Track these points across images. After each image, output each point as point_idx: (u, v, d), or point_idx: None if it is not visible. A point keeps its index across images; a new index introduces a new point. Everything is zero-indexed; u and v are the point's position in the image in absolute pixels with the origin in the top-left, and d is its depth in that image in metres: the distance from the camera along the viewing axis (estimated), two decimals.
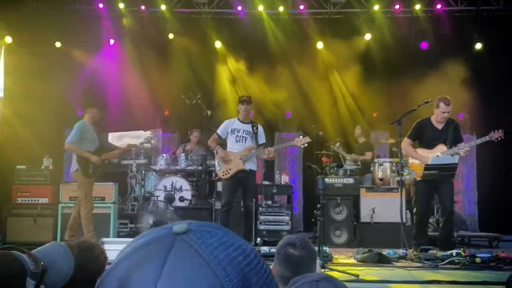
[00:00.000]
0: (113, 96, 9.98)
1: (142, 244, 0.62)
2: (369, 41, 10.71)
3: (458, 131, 6.81)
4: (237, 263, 0.61)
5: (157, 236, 0.63)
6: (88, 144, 7.00)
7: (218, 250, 0.61)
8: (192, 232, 0.62)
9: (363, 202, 8.12)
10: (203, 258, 0.59)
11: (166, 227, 0.64)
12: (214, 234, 0.63)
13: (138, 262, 0.60)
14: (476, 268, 5.47)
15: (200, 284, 0.57)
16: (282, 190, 8.66)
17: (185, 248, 0.60)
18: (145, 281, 0.58)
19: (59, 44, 10.49)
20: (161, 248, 0.60)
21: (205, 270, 0.58)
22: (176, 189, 8.40)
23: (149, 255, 0.60)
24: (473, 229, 10.01)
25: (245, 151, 6.82)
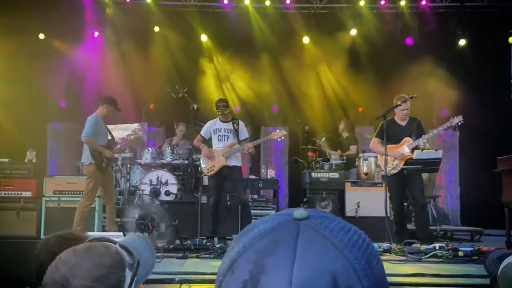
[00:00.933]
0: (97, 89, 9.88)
1: (267, 230, 0.65)
2: (355, 36, 10.76)
3: (422, 128, 7.04)
4: (359, 246, 0.63)
5: (280, 222, 0.65)
6: (101, 138, 7.06)
7: (341, 234, 0.63)
8: (313, 218, 0.65)
9: (348, 196, 8.18)
10: (330, 241, 0.62)
11: (284, 213, 0.67)
12: (332, 219, 0.66)
13: (269, 247, 0.62)
14: (459, 261, 5.57)
15: (333, 265, 0.60)
16: (268, 184, 8.69)
17: (312, 232, 0.63)
18: (282, 264, 0.60)
19: (43, 36, 10.36)
20: (289, 233, 0.63)
21: (335, 253, 0.61)
22: (162, 183, 8.37)
23: (278, 239, 0.62)
24: (455, 223, 10.16)
25: (227, 147, 7.08)
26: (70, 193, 7.80)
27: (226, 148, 7.09)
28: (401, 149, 6.85)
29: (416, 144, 6.80)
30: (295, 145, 9.21)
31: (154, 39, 10.62)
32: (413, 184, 6.82)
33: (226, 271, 0.65)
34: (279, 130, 7.25)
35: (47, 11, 9.92)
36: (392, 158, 6.85)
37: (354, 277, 0.60)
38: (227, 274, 0.64)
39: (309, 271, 0.59)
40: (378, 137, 7.07)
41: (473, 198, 9.98)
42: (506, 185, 6.60)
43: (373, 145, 7.22)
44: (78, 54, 10.33)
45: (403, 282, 4.53)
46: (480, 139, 9.94)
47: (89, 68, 10.29)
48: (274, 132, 7.23)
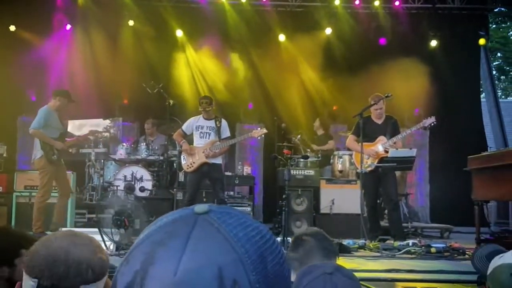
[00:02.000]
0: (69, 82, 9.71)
1: (166, 222, 0.66)
2: (330, 35, 10.86)
3: (397, 127, 7.21)
4: (254, 241, 0.65)
5: (180, 216, 0.67)
6: (52, 131, 6.94)
7: (237, 229, 0.64)
8: (213, 213, 0.66)
9: (323, 193, 8.27)
10: (223, 236, 0.63)
11: (189, 208, 0.68)
12: (233, 215, 0.67)
13: (163, 238, 0.63)
14: (432, 257, 5.70)
15: (220, 258, 0.61)
16: (244, 181, 8.72)
17: (207, 226, 0.64)
18: (170, 255, 0.61)
19: (14, 28, 10.12)
20: (185, 225, 0.64)
21: (225, 246, 0.62)
22: (137, 179, 8.30)
23: (173, 232, 0.64)
24: (424, 221, 10.36)
25: (208, 145, 7.05)
26: None
27: (207, 145, 7.07)
28: (375, 147, 7.00)
29: (390, 144, 6.94)
30: (270, 142, 9.25)
31: (128, 33, 10.48)
32: (387, 182, 6.97)
33: (122, 261, 0.66)
34: (259, 129, 7.27)
35: (18, 2, 9.70)
36: (366, 156, 6.97)
37: (241, 271, 0.61)
38: (123, 263, 0.66)
39: (196, 263, 0.61)
40: (354, 135, 7.20)
41: (442, 196, 10.19)
42: (476, 183, 6.76)
43: (349, 143, 7.34)
44: (50, 47, 10.11)
45: (378, 277, 4.61)
46: (450, 138, 10.18)
47: (61, 62, 10.09)
48: (254, 130, 7.25)
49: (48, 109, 6.99)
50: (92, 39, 10.22)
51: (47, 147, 6.86)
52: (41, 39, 10.10)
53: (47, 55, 9.95)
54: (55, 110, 7.05)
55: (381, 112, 7.12)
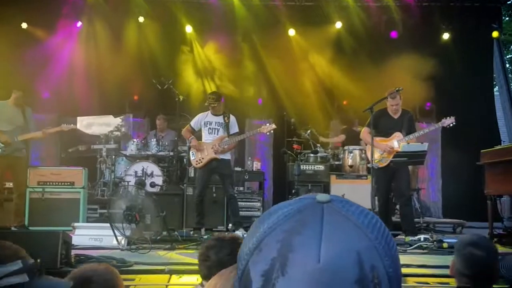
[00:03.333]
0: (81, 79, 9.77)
1: (293, 211, 0.67)
2: (340, 29, 10.78)
3: (412, 122, 7.15)
4: (378, 227, 0.67)
5: (305, 204, 0.68)
6: (3, 124, 7.01)
7: (362, 216, 0.66)
8: (335, 201, 0.68)
9: (333, 188, 8.24)
10: (353, 223, 0.65)
11: (307, 197, 0.69)
12: (351, 203, 0.69)
13: (295, 227, 0.65)
14: (444, 253, 5.65)
15: (357, 245, 0.63)
16: (254, 177, 8.71)
17: (335, 214, 0.66)
18: (309, 243, 0.63)
19: (26, 25, 10.17)
20: (314, 214, 0.66)
21: (358, 233, 0.64)
22: (147, 174, 8.32)
23: (304, 220, 0.65)
24: (437, 216, 10.29)
25: (217, 140, 7.04)
26: (54, 184, 7.75)
27: (216, 141, 7.06)
28: (391, 142, 6.91)
29: (406, 140, 6.86)
30: (280, 137, 9.23)
31: (138, 30, 10.49)
32: (400, 177, 6.89)
33: (253, 250, 0.67)
34: (268, 124, 7.24)
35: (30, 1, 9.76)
36: (380, 151, 6.89)
37: (376, 256, 0.64)
38: (254, 252, 0.66)
39: (336, 249, 0.62)
40: (369, 127, 7.04)
41: (454, 190, 10.11)
42: (489, 178, 6.71)
43: (364, 135, 7.21)
44: (61, 44, 10.17)
45: None
46: (463, 132, 10.06)
47: (72, 59, 10.13)
48: (263, 126, 7.21)
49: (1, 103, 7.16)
50: (102, 35, 10.25)
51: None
52: (52, 36, 10.16)
53: (58, 52, 10.01)
54: (12, 103, 7.17)
55: (397, 108, 7.00)
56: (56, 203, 7.64)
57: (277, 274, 0.63)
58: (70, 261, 4.71)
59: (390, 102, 6.96)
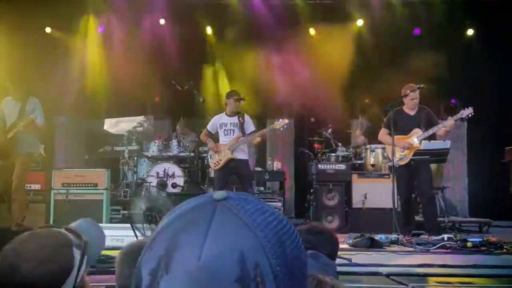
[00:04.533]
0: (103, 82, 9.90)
1: (187, 210, 0.68)
2: (361, 27, 10.68)
3: (432, 116, 7.04)
4: (273, 226, 0.66)
5: (200, 203, 0.68)
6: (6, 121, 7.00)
7: (255, 215, 0.66)
8: (231, 199, 0.68)
9: (355, 188, 8.16)
10: (243, 221, 0.65)
11: (207, 195, 0.70)
12: (250, 201, 0.69)
13: (185, 225, 0.65)
14: (467, 252, 5.54)
15: (242, 243, 0.63)
16: (274, 176, 8.69)
17: (227, 213, 0.66)
18: (193, 241, 0.63)
19: (49, 30, 10.36)
20: (205, 212, 0.66)
21: (246, 232, 0.64)
22: (169, 175, 8.39)
23: (194, 219, 0.66)
24: (463, 215, 10.10)
25: (233, 140, 7.08)
26: (78, 186, 7.87)
27: (232, 141, 7.10)
28: (410, 139, 6.83)
29: (426, 136, 6.76)
30: (301, 137, 9.19)
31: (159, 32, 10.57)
32: (422, 175, 6.80)
33: (146, 248, 0.68)
34: (281, 120, 7.20)
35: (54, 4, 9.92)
36: (401, 149, 6.82)
37: (262, 254, 0.63)
38: (147, 250, 0.67)
39: (219, 247, 0.62)
40: (386, 128, 7.04)
41: (481, 189, 9.92)
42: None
43: (381, 136, 7.20)
44: (84, 48, 10.32)
45: (410, 272, 4.52)
46: (488, 130, 9.87)
47: (95, 61, 10.27)
48: (276, 122, 7.20)
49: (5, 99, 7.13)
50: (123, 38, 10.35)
51: None
52: (75, 40, 10.31)
53: (80, 55, 10.16)
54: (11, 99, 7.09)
55: (416, 102, 6.95)
56: (80, 204, 7.75)
57: (162, 273, 0.63)
58: None
59: (411, 95, 6.89)
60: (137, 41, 10.30)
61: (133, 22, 10.35)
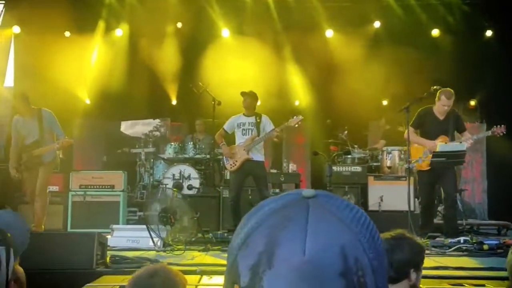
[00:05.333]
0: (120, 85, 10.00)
1: (278, 207, 0.69)
2: (379, 28, 10.63)
3: (460, 121, 6.89)
4: (363, 222, 0.68)
5: (290, 200, 0.70)
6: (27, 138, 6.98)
7: (346, 211, 0.68)
8: (320, 196, 0.70)
9: (371, 190, 8.09)
10: (337, 217, 0.67)
11: (294, 193, 0.71)
12: (336, 198, 0.71)
13: (281, 222, 0.67)
14: (484, 255, 5.47)
15: (341, 239, 0.65)
16: (290, 178, 8.67)
17: (320, 209, 0.67)
18: (295, 237, 0.65)
19: (68, 34, 10.51)
20: (300, 209, 0.67)
21: (342, 227, 0.66)
22: (185, 177, 8.44)
23: (290, 215, 0.67)
24: (482, 218, 9.96)
25: (248, 140, 7.06)
26: (96, 187, 7.97)
27: (247, 141, 7.06)
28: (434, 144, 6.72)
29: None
30: (317, 139, 9.18)
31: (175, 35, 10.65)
32: (447, 178, 6.70)
33: (240, 245, 0.69)
34: (296, 117, 7.15)
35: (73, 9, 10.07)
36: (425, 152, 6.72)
37: (360, 249, 0.66)
38: (242, 248, 0.68)
39: (320, 243, 0.64)
40: (414, 127, 6.82)
41: (500, 192, 9.78)
42: None
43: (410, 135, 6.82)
44: (102, 51, 10.44)
45: (424, 274, 4.46)
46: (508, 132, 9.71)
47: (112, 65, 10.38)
48: (291, 119, 7.12)
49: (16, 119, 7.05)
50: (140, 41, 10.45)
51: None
52: (93, 44, 10.45)
53: (98, 59, 10.29)
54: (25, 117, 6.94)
55: (447, 109, 6.69)
56: (97, 206, 7.86)
57: (264, 268, 0.65)
58: (105, 262, 4.83)
59: (443, 101, 6.62)
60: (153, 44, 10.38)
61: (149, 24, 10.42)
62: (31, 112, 6.89)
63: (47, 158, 6.99)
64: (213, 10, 10.53)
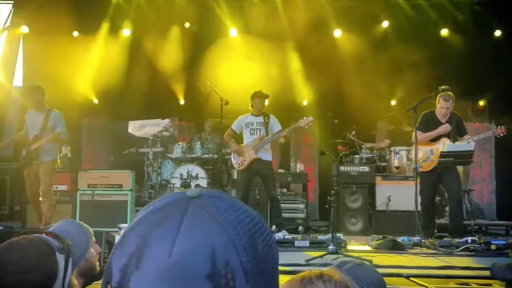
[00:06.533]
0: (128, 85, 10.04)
1: (160, 206, 0.69)
2: (387, 28, 10.59)
3: (462, 125, 6.89)
4: (245, 224, 0.67)
5: (173, 199, 0.69)
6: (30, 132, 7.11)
7: (228, 213, 0.67)
8: (204, 196, 0.69)
9: (379, 190, 8.08)
10: (215, 219, 0.66)
11: (180, 193, 0.70)
12: (223, 199, 0.70)
13: (157, 221, 0.66)
14: (491, 255, 5.44)
15: (213, 240, 0.64)
16: (297, 178, 8.67)
17: (199, 210, 0.67)
18: (165, 237, 0.64)
19: (77, 34, 10.56)
20: (178, 209, 0.67)
21: (217, 229, 0.65)
22: (192, 177, 8.46)
23: (167, 215, 0.66)
24: (490, 218, 9.92)
25: (257, 140, 7.08)
26: (104, 187, 8.00)
27: (256, 141, 7.09)
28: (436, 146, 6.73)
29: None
30: (324, 139, 9.16)
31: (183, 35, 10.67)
32: (449, 178, 6.70)
33: (117, 244, 0.68)
34: (305, 118, 7.18)
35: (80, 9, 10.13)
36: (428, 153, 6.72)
37: (232, 252, 0.64)
38: (118, 246, 0.68)
39: (190, 244, 0.63)
40: (421, 130, 6.82)
41: (509, 192, 9.72)
42: None
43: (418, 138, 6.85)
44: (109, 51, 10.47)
45: (431, 274, 4.47)
46: None
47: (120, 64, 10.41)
48: (301, 120, 7.16)
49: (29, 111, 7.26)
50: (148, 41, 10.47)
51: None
52: (101, 44, 10.49)
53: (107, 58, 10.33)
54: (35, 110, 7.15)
55: (447, 112, 6.73)
56: (105, 205, 7.89)
57: (132, 269, 0.64)
58: None
59: (442, 104, 6.67)
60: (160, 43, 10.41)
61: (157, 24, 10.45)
62: (42, 108, 7.08)
63: (46, 157, 7.01)
64: (220, 10, 10.54)
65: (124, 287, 0.64)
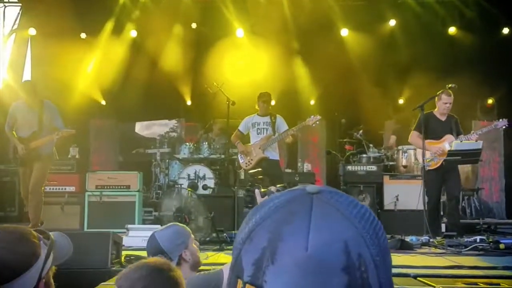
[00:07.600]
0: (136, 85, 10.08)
1: (283, 202, 0.70)
2: (394, 27, 10.55)
3: (459, 126, 6.96)
4: (367, 218, 0.69)
5: (295, 195, 0.71)
6: (23, 128, 6.79)
7: (350, 207, 0.69)
8: (324, 192, 0.70)
9: (387, 189, 8.06)
10: (341, 213, 0.67)
11: (298, 188, 0.72)
12: (341, 194, 0.71)
13: (285, 217, 0.67)
14: (500, 254, 5.42)
15: (344, 234, 0.65)
16: (305, 178, 8.65)
17: (324, 205, 0.68)
18: (298, 232, 0.65)
19: (84, 35, 10.61)
20: (304, 205, 0.68)
21: (346, 223, 0.67)
22: (200, 177, 8.46)
23: (293, 211, 0.68)
24: (500, 217, 9.83)
25: (264, 139, 7.12)
26: (111, 188, 8.03)
27: (263, 140, 7.11)
28: (442, 145, 6.73)
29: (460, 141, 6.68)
30: (332, 138, 9.15)
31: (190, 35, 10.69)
32: (451, 178, 6.76)
33: (245, 239, 0.69)
34: (313, 117, 7.19)
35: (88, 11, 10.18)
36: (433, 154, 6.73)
37: (363, 245, 0.66)
38: (246, 242, 0.69)
39: (323, 238, 0.64)
40: (417, 130, 6.91)
41: None
42: None
43: (413, 139, 7.07)
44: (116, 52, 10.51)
45: (439, 274, 4.45)
46: None
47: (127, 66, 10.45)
48: (308, 119, 7.17)
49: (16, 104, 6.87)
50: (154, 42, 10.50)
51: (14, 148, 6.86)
52: (108, 45, 10.54)
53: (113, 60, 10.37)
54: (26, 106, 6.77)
55: (449, 106, 6.83)
56: (113, 206, 7.92)
57: (267, 263, 0.65)
58: (120, 261, 4.88)
59: (445, 99, 6.76)
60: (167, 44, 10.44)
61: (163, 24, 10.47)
62: (34, 102, 6.74)
63: (44, 151, 6.74)
64: (227, 10, 10.54)
65: (259, 280, 0.65)
